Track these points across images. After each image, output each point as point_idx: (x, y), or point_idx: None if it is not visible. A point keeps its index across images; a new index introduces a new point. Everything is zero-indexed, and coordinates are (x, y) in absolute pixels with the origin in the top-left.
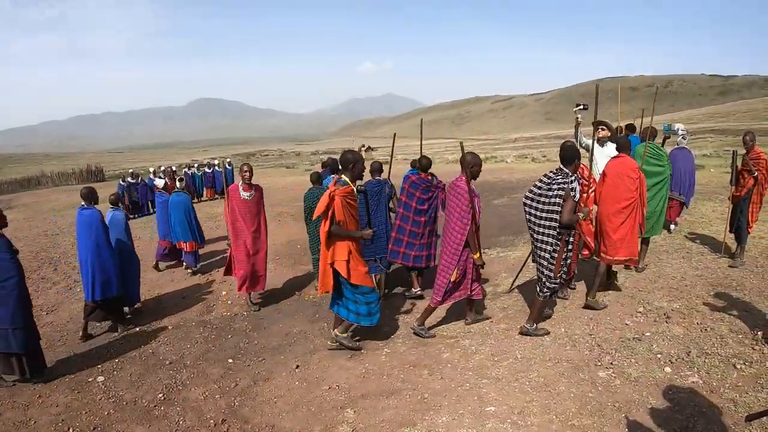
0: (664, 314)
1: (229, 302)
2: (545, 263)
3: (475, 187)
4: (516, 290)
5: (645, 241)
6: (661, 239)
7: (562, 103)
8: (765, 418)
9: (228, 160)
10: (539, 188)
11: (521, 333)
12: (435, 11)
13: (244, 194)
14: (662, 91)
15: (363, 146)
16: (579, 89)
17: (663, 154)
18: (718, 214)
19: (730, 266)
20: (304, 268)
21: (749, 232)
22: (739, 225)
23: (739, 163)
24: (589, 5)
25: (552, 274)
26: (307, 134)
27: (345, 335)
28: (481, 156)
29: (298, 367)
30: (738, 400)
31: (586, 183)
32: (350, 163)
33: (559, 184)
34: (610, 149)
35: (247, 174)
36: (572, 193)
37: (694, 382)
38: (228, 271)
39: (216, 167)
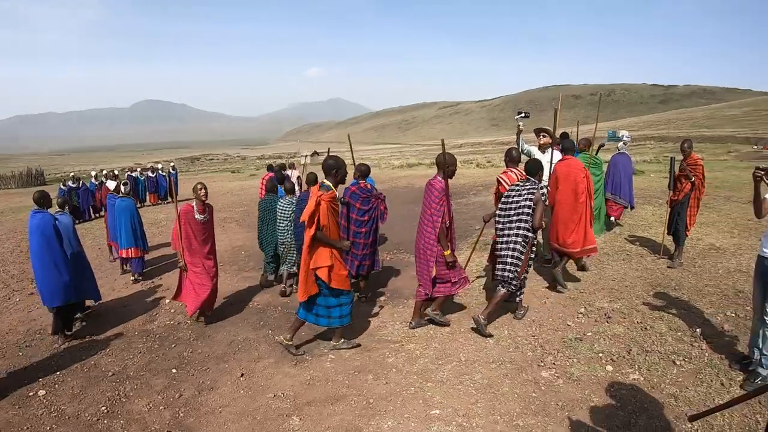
0: (605, 314)
1: (172, 311)
2: (513, 260)
3: (423, 190)
4: (458, 294)
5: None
6: (602, 242)
7: (507, 109)
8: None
9: (172, 164)
10: (509, 197)
11: (474, 321)
12: (383, 18)
13: (200, 216)
14: (605, 99)
15: (313, 153)
16: (525, 96)
17: (600, 162)
18: (657, 218)
19: (668, 267)
20: (248, 275)
21: (687, 235)
22: (677, 228)
23: (677, 169)
24: (536, 14)
25: (517, 274)
26: (253, 138)
27: (342, 340)
28: (427, 161)
29: (242, 375)
30: (678, 395)
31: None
32: (333, 168)
33: (528, 190)
34: (552, 155)
35: (203, 192)
36: (543, 198)
37: (635, 379)
38: (177, 296)
39: (159, 171)
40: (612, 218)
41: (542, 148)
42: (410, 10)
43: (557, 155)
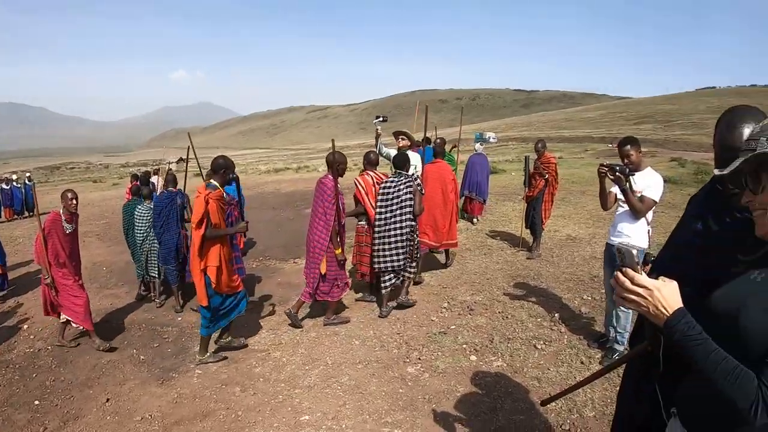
0: (468, 307)
1: (31, 337)
2: (403, 249)
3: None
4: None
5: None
6: (464, 238)
7: (375, 113)
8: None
9: (28, 174)
10: (387, 194)
11: (399, 303)
12: (252, 20)
13: (68, 226)
14: (470, 103)
15: (179, 159)
16: (393, 101)
17: (453, 160)
18: (516, 213)
19: (527, 258)
20: (110, 292)
21: (543, 228)
22: (533, 221)
23: (531, 168)
24: (402, 19)
25: (410, 260)
26: (116, 144)
27: (208, 354)
28: (294, 166)
29: (108, 400)
30: (541, 377)
31: None
32: (222, 168)
33: (405, 184)
34: (411, 158)
35: (74, 202)
36: (419, 188)
37: (498, 366)
38: (55, 312)
39: (14, 183)
40: (474, 219)
41: (401, 150)
42: (279, 13)
43: (416, 157)
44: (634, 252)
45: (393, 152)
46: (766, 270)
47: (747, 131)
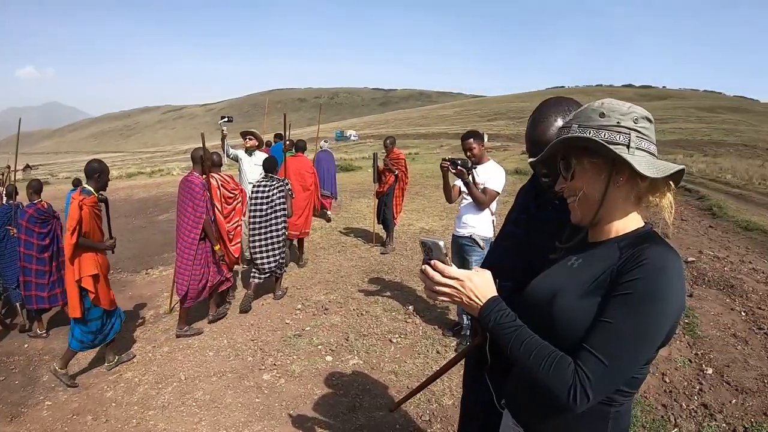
0: (323, 307)
1: None
2: (279, 249)
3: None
4: (176, 309)
5: (300, 242)
6: (318, 237)
7: (233, 112)
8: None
9: None
10: (260, 195)
11: (275, 299)
12: (104, 12)
13: None
14: (328, 102)
15: (26, 166)
16: (250, 100)
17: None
18: (370, 209)
19: (381, 253)
20: None
21: (395, 223)
22: (385, 217)
23: (381, 164)
24: (258, 18)
25: (283, 257)
26: None
27: (64, 371)
28: (148, 170)
29: None
30: (398, 371)
31: (231, 195)
32: (96, 172)
33: (277, 188)
34: (258, 158)
35: None
36: (290, 193)
37: (355, 363)
38: None
39: None
40: (328, 213)
41: (249, 151)
42: (135, 8)
43: (263, 156)
44: (441, 244)
45: (241, 153)
46: (583, 255)
47: (556, 124)
